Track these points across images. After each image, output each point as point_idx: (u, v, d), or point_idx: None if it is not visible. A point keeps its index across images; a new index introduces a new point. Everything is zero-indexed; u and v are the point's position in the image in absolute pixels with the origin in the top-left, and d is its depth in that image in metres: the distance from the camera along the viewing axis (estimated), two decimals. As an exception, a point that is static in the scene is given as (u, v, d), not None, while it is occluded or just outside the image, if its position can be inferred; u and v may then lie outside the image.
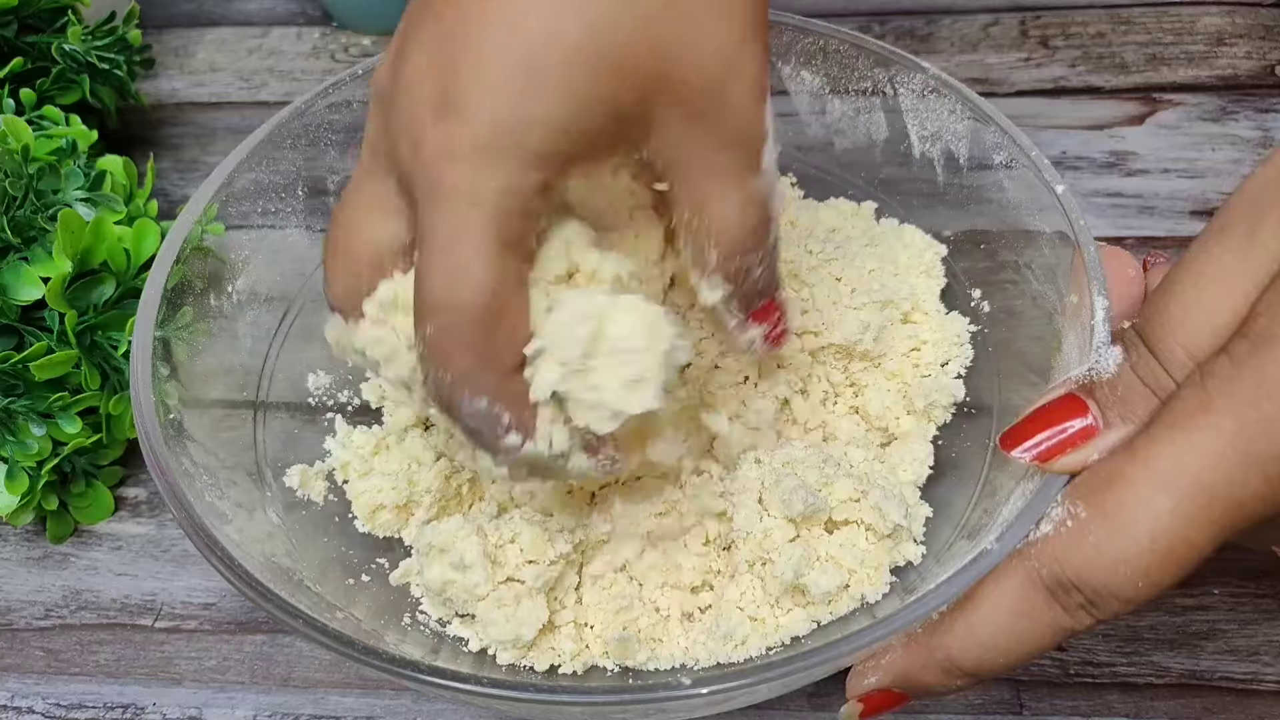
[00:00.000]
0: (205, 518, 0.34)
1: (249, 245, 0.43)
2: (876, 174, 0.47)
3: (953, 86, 0.43)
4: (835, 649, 0.30)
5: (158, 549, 0.47)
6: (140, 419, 0.36)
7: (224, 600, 0.45)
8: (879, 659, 0.32)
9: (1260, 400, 0.26)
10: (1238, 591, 0.43)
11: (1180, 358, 0.28)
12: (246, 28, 0.70)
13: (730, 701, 0.32)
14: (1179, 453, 0.26)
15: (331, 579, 0.38)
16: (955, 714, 0.41)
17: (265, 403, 0.43)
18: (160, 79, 0.67)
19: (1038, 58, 0.63)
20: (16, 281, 0.43)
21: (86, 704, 0.43)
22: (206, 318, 0.41)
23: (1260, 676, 0.41)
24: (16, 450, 0.43)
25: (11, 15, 0.54)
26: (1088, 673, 0.41)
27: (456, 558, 0.37)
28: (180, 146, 0.63)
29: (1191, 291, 0.29)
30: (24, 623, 0.46)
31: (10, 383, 0.43)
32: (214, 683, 0.43)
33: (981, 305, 0.44)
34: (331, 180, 0.46)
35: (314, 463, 0.42)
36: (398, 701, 0.42)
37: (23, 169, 0.45)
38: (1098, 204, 0.56)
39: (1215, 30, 0.64)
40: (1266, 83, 0.61)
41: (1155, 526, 0.27)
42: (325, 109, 0.45)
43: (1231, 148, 0.58)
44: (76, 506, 0.47)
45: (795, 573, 0.37)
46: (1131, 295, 0.36)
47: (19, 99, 0.51)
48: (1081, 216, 0.37)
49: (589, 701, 0.30)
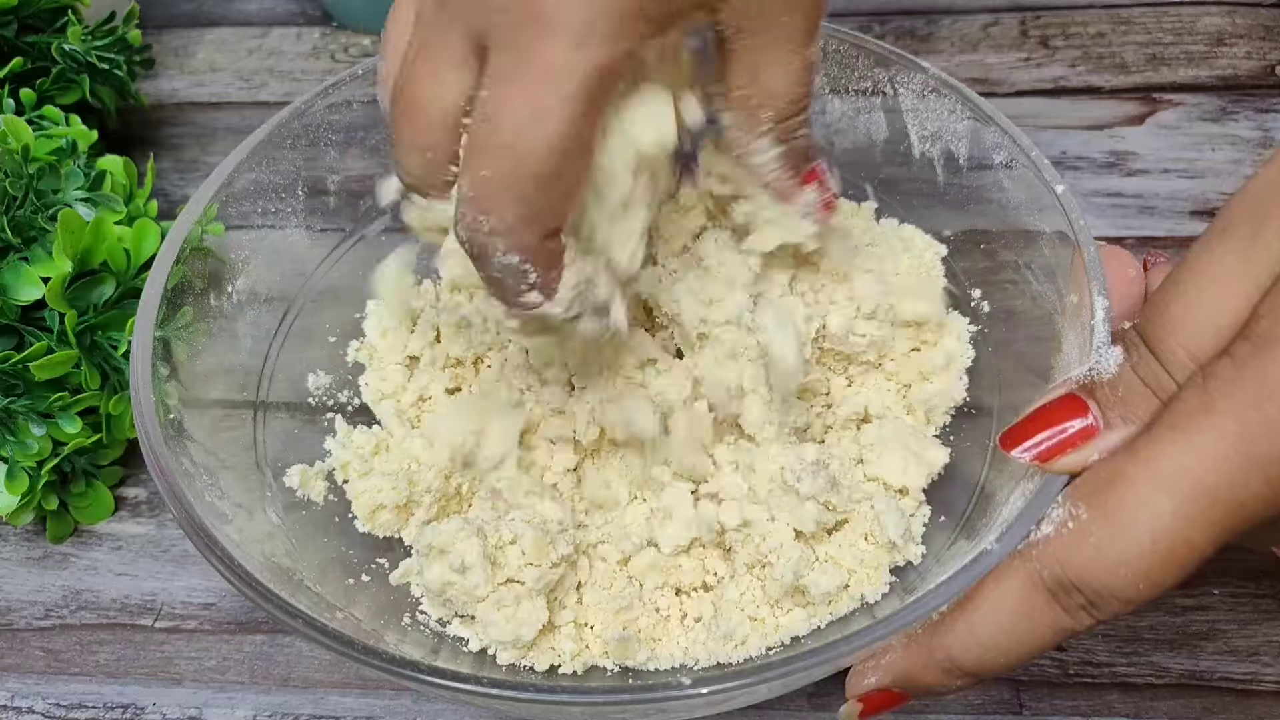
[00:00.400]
0: (205, 518, 0.34)
1: (249, 245, 0.43)
2: (876, 174, 0.47)
3: (953, 86, 0.43)
4: (835, 649, 0.30)
5: (158, 549, 0.47)
6: (140, 419, 0.36)
7: (224, 600, 0.45)
8: (879, 659, 0.32)
9: (1262, 402, 0.26)
10: (1238, 592, 0.43)
11: (1182, 358, 0.28)
12: (246, 28, 0.70)
13: (730, 701, 0.32)
14: (1180, 454, 0.26)
15: (331, 579, 0.38)
16: (955, 714, 0.41)
17: (265, 403, 0.43)
18: (160, 79, 0.67)
19: (1038, 58, 0.63)
20: (16, 281, 0.43)
21: (86, 704, 0.43)
22: (206, 318, 0.41)
23: (1260, 676, 0.41)
24: (16, 450, 0.43)
25: (11, 15, 0.54)
26: (1087, 673, 0.41)
27: (456, 560, 0.37)
28: (180, 146, 0.63)
29: (1193, 292, 0.29)
30: (24, 623, 0.46)
31: (10, 383, 0.43)
32: (214, 683, 0.43)
33: (981, 305, 0.44)
34: (331, 180, 0.46)
35: (314, 463, 0.42)
36: (398, 701, 0.42)
37: (23, 169, 0.45)
38: (1098, 204, 0.56)
39: (1215, 30, 0.64)
40: (1266, 83, 0.61)
41: (1156, 527, 0.27)
42: (325, 109, 0.45)
43: (1231, 148, 0.58)
44: (76, 506, 0.47)
45: (795, 574, 0.37)
46: (1132, 295, 0.36)
47: (19, 99, 0.51)
48: (1081, 216, 0.37)
49: (589, 701, 0.31)
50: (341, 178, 0.46)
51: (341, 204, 0.47)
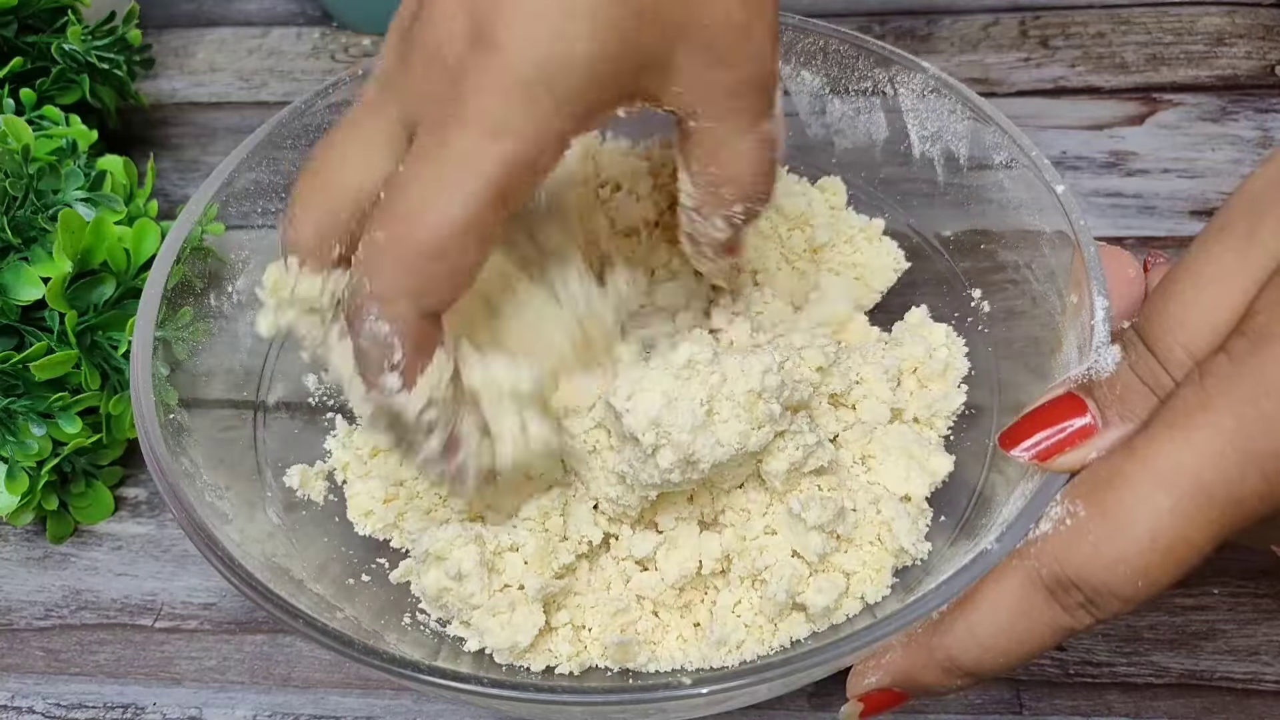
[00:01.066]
0: (205, 518, 0.34)
1: (249, 245, 0.43)
2: (876, 174, 0.47)
3: (953, 86, 0.43)
4: (835, 649, 0.30)
5: (158, 549, 0.47)
6: (140, 419, 0.36)
7: (224, 600, 0.45)
8: (879, 659, 0.32)
9: (1259, 398, 0.26)
10: (1237, 591, 0.43)
11: (1179, 357, 0.28)
12: (246, 28, 0.70)
13: (730, 701, 0.32)
14: (1178, 451, 0.26)
15: (331, 579, 0.38)
16: (955, 714, 0.41)
17: (265, 403, 0.43)
18: (160, 79, 0.67)
19: (1038, 58, 0.63)
20: (16, 281, 0.43)
21: (86, 704, 0.43)
22: (206, 318, 0.41)
23: (1260, 676, 0.41)
24: (16, 450, 0.43)
25: (11, 15, 0.54)
26: (1087, 672, 0.41)
27: (453, 567, 0.36)
28: (180, 146, 0.63)
29: (1191, 291, 0.29)
30: (24, 623, 0.46)
31: (10, 383, 0.43)
32: (214, 683, 0.43)
33: (981, 305, 0.44)
34: (331, 180, 0.46)
35: (314, 463, 0.42)
36: (398, 701, 0.42)
37: (23, 169, 0.45)
38: (1098, 204, 0.56)
39: (1215, 30, 0.64)
40: (1266, 83, 0.61)
41: (1155, 525, 0.27)
42: (325, 109, 0.45)
43: (1231, 148, 0.58)
44: (76, 506, 0.47)
45: (788, 593, 0.36)
46: (1131, 295, 0.36)
47: (19, 99, 0.51)
48: (1081, 216, 0.37)
49: (589, 701, 0.30)
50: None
51: (341, 204, 0.47)
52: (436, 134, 0.29)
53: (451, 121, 0.29)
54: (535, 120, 0.29)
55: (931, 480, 0.40)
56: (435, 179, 0.29)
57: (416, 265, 0.29)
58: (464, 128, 0.28)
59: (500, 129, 0.28)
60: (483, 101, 0.28)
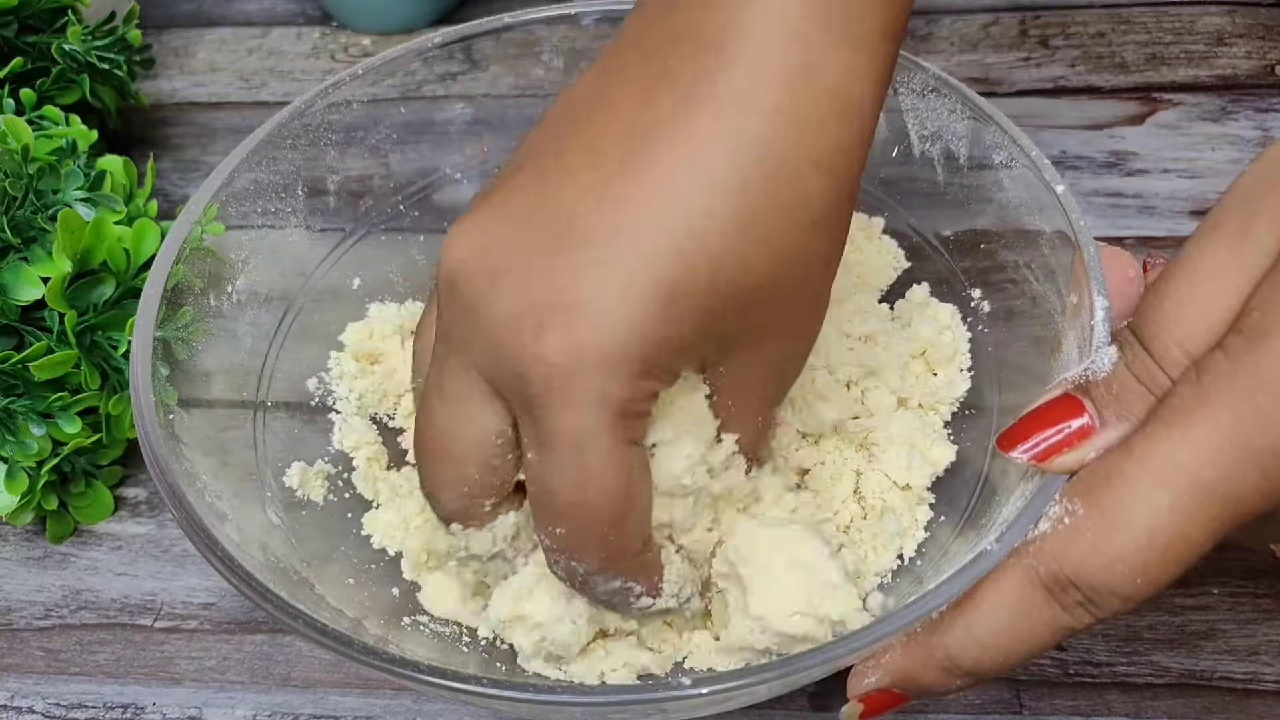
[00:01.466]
0: (205, 518, 0.34)
1: (249, 245, 0.43)
2: (876, 174, 0.47)
3: (953, 86, 0.43)
4: (835, 649, 0.30)
5: (158, 549, 0.47)
6: (140, 419, 0.36)
7: (224, 600, 0.45)
8: (879, 659, 0.32)
9: (1256, 394, 0.26)
10: (1237, 591, 0.43)
11: (1176, 355, 0.28)
12: (246, 28, 0.70)
13: (730, 701, 0.32)
14: (1176, 449, 0.26)
15: (331, 579, 0.38)
16: (955, 714, 0.41)
17: (265, 403, 0.43)
18: (160, 79, 0.67)
19: (1038, 58, 0.63)
20: (16, 281, 0.43)
21: (86, 704, 0.43)
22: (206, 318, 0.41)
23: (1260, 676, 0.41)
24: (16, 450, 0.43)
25: (11, 15, 0.54)
26: (1087, 672, 0.41)
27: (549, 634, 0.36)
28: (180, 146, 0.63)
29: (1186, 289, 0.29)
30: (24, 623, 0.46)
31: (10, 383, 0.43)
32: (214, 683, 0.43)
33: (981, 305, 0.44)
34: (331, 180, 0.46)
35: (314, 462, 0.42)
36: (398, 701, 0.42)
37: (23, 169, 0.45)
38: (1098, 204, 0.56)
39: (1215, 30, 0.64)
40: (1266, 83, 0.61)
41: (1153, 523, 0.27)
42: (325, 109, 0.45)
43: (1231, 148, 0.58)
44: (76, 506, 0.47)
45: None
46: (1131, 295, 0.36)
47: (19, 99, 0.51)
48: (1081, 216, 0.37)
49: (589, 702, 0.30)
50: (341, 178, 0.46)
51: (341, 204, 0.47)
52: (545, 415, 0.29)
53: (556, 402, 0.29)
54: (631, 390, 0.29)
55: (933, 470, 0.40)
56: (575, 464, 0.29)
57: (611, 538, 0.30)
58: (568, 408, 0.28)
59: (603, 402, 0.28)
60: (578, 380, 0.28)
